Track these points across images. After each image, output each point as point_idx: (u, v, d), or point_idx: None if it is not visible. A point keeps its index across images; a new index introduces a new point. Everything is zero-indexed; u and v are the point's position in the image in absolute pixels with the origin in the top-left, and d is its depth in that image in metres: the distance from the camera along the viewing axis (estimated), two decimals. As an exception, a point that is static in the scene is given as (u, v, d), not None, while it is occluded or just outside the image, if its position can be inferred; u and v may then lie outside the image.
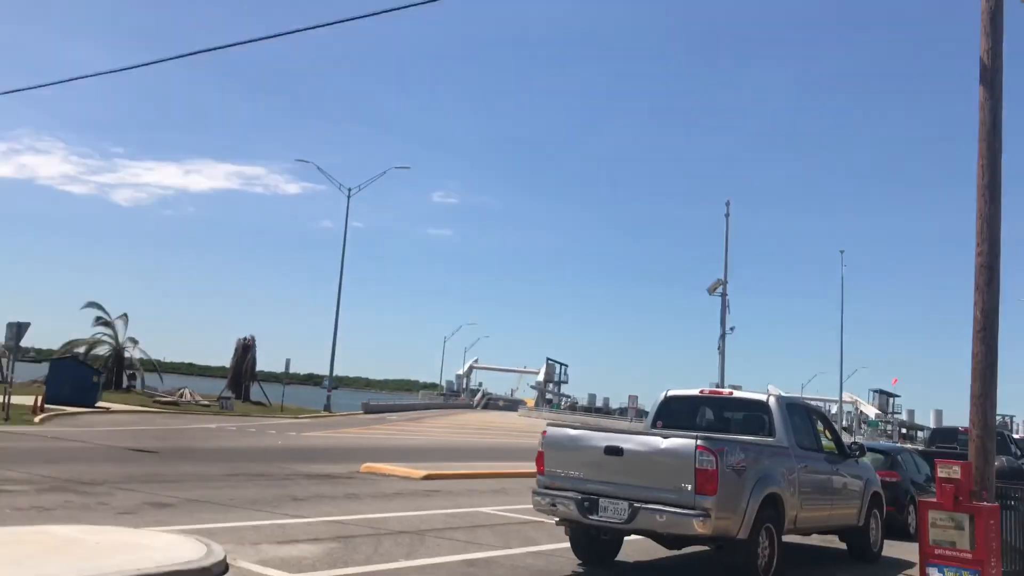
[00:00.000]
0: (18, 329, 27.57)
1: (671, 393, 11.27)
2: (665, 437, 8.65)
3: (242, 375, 60.02)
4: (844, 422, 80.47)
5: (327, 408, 54.34)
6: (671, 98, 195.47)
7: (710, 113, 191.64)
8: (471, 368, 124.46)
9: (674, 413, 11.03)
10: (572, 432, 9.38)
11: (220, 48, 17.10)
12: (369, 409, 62.77)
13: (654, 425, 10.98)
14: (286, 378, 54.19)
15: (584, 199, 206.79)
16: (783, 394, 11.36)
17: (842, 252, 66.24)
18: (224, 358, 65.78)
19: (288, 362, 53.52)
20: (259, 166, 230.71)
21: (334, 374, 58.47)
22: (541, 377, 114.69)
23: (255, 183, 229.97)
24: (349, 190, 57.46)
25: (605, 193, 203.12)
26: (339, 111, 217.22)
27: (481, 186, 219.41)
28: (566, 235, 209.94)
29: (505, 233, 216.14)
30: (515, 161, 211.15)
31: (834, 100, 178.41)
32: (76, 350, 55.05)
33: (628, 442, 8.80)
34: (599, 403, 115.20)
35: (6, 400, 27.09)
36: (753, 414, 10.67)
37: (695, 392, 11.36)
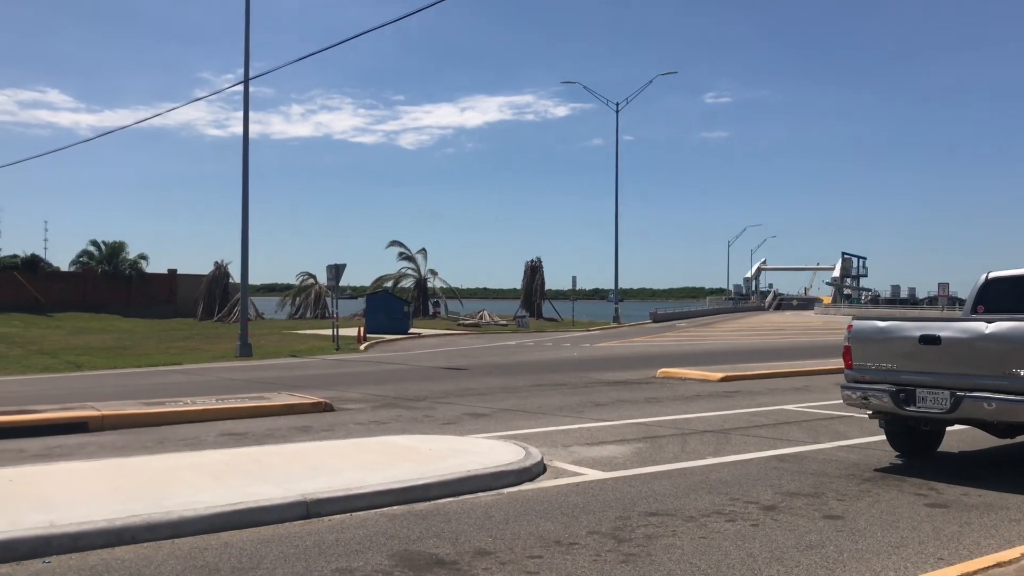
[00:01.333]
0: (336, 270, 30.84)
1: (993, 275, 10.23)
2: (989, 322, 7.92)
3: (533, 294, 63.10)
4: None
5: (616, 319, 55.61)
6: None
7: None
8: (759, 270, 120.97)
9: (997, 296, 10.04)
10: (881, 324, 8.86)
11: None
12: (657, 318, 63.41)
13: (974, 310, 10.09)
14: (573, 294, 56.15)
15: (872, 77, 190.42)
16: None
17: None
18: (514, 280, 69.39)
19: (574, 279, 55.32)
20: (528, 94, 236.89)
21: (619, 287, 59.46)
22: (837, 273, 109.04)
23: (526, 111, 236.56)
24: (617, 104, 57.22)
25: (898, 67, 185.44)
26: (599, 26, 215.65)
27: (756, 80, 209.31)
28: (854, 119, 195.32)
29: (785, 126, 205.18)
30: (792, 47, 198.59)
31: None
32: (385, 284, 60.77)
33: (946, 330, 8.17)
34: (903, 294, 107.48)
35: (335, 332, 30.61)
36: None
37: (1023, 272, 10.22)
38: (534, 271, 64.60)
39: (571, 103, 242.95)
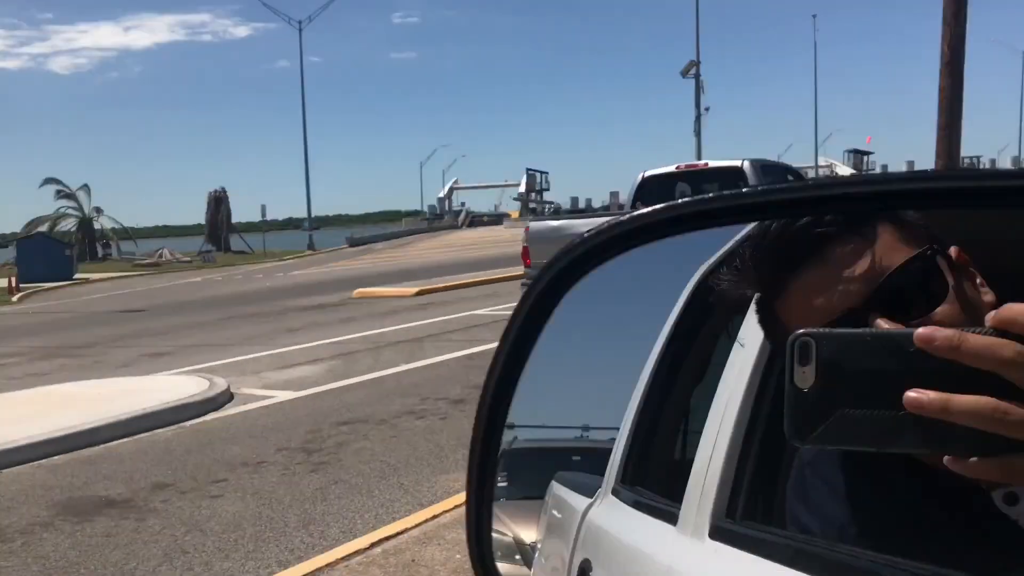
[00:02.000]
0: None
1: (648, 173, 11.17)
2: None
3: (219, 227, 59.85)
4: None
5: (311, 247, 54.41)
6: None
7: None
8: (451, 189, 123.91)
9: (653, 193, 10.99)
10: (554, 223, 9.39)
11: None
12: (354, 242, 62.90)
13: (634, 207, 10.94)
14: (265, 226, 54.04)
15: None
16: (757, 158, 11.30)
17: (815, 16, 64.36)
18: (198, 215, 65.46)
19: (264, 208, 53.06)
20: (204, 12, 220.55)
21: (313, 215, 58.26)
22: (523, 188, 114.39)
23: (202, 31, 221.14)
24: (300, 23, 54.70)
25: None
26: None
27: (444, 1, 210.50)
28: (536, 42, 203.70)
29: (471, 48, 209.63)
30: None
31: None
32: (40, 228, 54.36)
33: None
34: (582, 204, 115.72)
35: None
36: (729, 182, 10.62)
37: (671, 168, 11.26)
38: (218, 202, 61.10)
39: (253, 22, 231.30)
